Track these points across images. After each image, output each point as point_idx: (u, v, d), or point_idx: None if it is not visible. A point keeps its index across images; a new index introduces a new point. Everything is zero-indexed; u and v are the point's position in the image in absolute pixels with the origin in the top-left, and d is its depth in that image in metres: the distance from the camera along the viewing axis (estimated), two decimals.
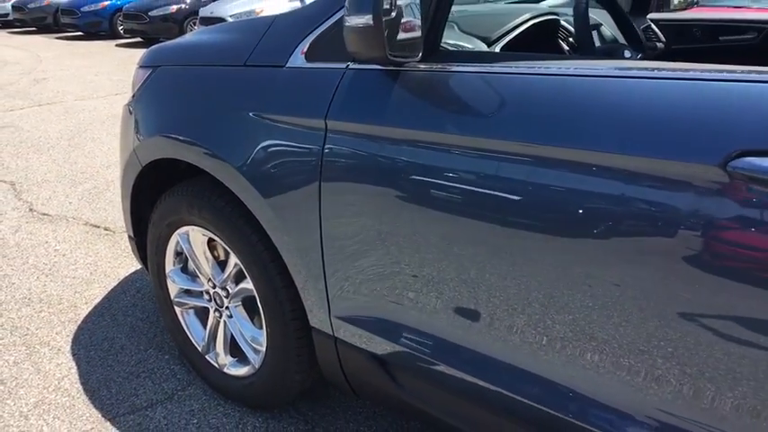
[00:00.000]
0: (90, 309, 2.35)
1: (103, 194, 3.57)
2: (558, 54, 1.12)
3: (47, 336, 2.17)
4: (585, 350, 0.98)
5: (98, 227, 3.12)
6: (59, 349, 2.09)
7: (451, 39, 1.41)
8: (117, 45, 11.79)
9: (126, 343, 2.13)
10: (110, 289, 2.50)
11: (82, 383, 1.92)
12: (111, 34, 12.84)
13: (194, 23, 11.00)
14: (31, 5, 14.69)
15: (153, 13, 11.42)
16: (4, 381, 1.93)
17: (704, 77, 0.85)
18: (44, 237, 3.00)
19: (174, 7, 11.50)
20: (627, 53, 1.61)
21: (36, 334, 2.18)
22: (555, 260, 0.97)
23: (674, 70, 0.88)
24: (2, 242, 2.94)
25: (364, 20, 1.00)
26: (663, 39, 2.21)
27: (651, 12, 2.33)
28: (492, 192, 1.03)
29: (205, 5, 10.79)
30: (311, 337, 1.49)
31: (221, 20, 9.48)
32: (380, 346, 1.32)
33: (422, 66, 1.13)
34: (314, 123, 1.25)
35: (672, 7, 2.62)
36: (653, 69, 0.90)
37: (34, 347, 2.11)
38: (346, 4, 1.03)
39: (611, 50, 1.58)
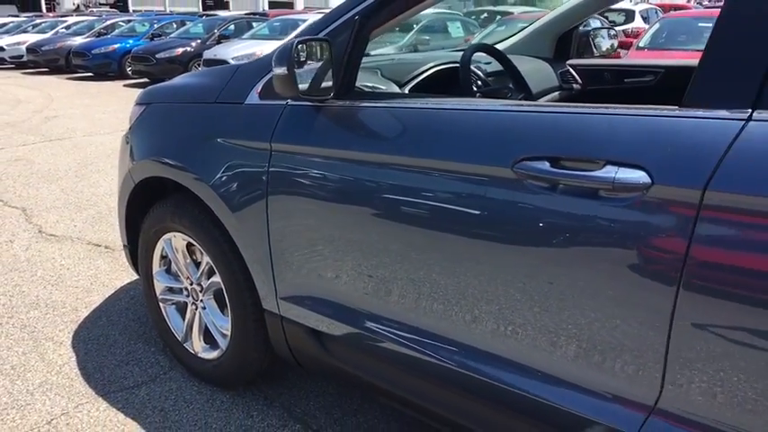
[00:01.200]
0: (89, 312, 2.71)
1: (106, 219, 3.96)
2: (440, 94, 1.50)
3: (51, 333, 2.53)
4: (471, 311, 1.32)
5: (99, 246, 3.50)
6: (61, 343, 2.45)
7: (372, 82, 1.80)
8: (125, 85, 12.38)
9: (119, 338, 2.48)
10: (107, 296, 2.86)
11: (79, 369, 2.27)
12: (120, 75, 13.44)
13: (198, 65, 11.57)
14: (45, 48, 15.37)
15: (159, 55, 12.02)
16: (15, 366, 2.28)
17: (505, 110, 1.24)
18: (51, 254, 3.38)
19: (180, 50, 12.12)
20: (510, 94, 2.00)
21: (42, 331, 2.54)
22: (435, 242, 1.33)
23: (488, 104, 1.27)
24: (14, 258, 3.32)
25: (282, 70, 1.40)
26: (579, 81, 2.62)
27: (572, 58, 2.74)
28: (386, 195, 1.41)
29: (209, 49, 11.40)
30: (265, 320, 1.84)
31: (224, 62, 10.04)
32: (314, 321, 1.68)
33: (338, 102, 1.52)
34: (262, 146, 1.64)
35: (597, 54, 3.03)
36: (483, 104, 1.29)
37: (40, 341, 2.46)
38: (273, 59, 1.43)
39: (494, 92, 1.98)
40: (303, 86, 1.42)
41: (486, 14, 12.82)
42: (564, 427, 1.22)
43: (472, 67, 2.02)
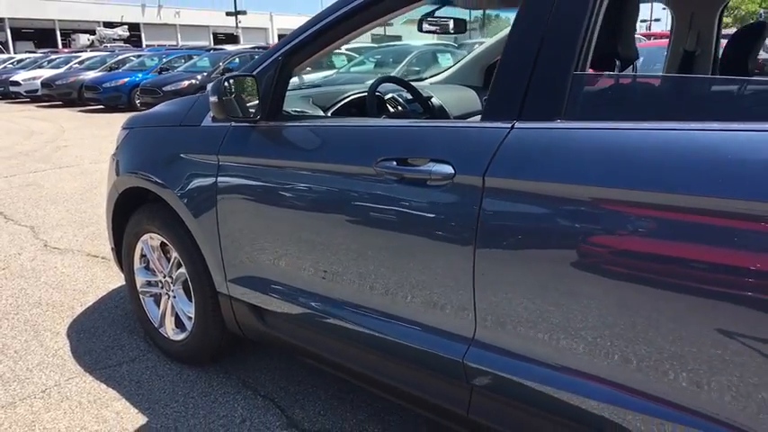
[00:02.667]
0: (84, 309, 3.13)
1: (104, 234, 4.39)
2: (355, 116, 1.94)
3: (50, 325, 2.95)
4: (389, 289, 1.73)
5: (97, 256, 3.94)
6: (58, 333, 2.86)
7: (301, 107, 2.24)
8: None
9: (107, 329, 2.90)
10: (100, 297, 3.28)
11: (72, 352, 2.68)
12: (129, 107, 14.05)
13: None
14: (59, 82, 16.10)
15: (166, 88, 12.67)
16: (17, 351, 2.70)
17: (374, 125, 1.67)
18: (54, 263, 3.82)
19: (186, 83, 12.77)
20: (412, 115, 2.43)
21: (42, 324, 2.96)
22: (352, 230, 1.75)
23: (364, 122, 1.71)
24: (21, 267, 3.76)
25: (215, 98, 1.84)
26: None
27: None
28: (300, 193, 1.83)
29: (212, 81, 11.99)
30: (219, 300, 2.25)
31: None
32: (253, 298, 2.09)
33: (270, 123, 1.96)
34: (212, 158, 2.07)
35: None
36: (361, 122, 1.73)
37: (40, 332, 2.88)
38: (208, 89, 1.87)
39: (401, 114, 2.41)
40: (237, 111, 1.87)
41: (477, 46, 13.36)
42: (416, 360, 1.61)
43: (394, 94, 2.47)
